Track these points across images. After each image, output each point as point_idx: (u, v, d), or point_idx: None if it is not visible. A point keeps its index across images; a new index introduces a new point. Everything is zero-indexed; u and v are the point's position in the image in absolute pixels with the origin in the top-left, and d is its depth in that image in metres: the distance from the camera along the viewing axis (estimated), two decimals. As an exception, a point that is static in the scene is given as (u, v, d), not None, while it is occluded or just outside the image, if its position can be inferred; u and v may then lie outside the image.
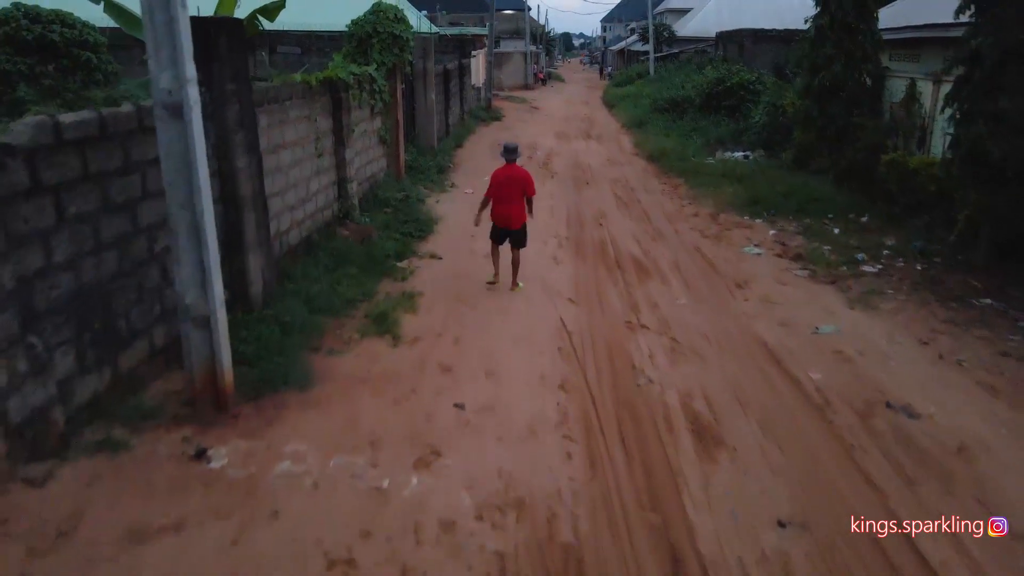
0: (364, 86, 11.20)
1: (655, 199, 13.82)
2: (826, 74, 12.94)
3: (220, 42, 6.18)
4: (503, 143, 9.12)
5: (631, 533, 4.22)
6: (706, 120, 21.55)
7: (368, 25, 12.10)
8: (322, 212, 9.42)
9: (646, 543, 4.14)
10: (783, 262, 9.65)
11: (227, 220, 6.52)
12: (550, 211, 12.65)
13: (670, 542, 4.15)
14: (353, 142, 10.51)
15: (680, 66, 38.98)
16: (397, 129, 12.92)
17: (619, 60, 70.24)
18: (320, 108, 9.33)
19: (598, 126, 26.54)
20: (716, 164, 16.14)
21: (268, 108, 7.65)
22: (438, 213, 11.97)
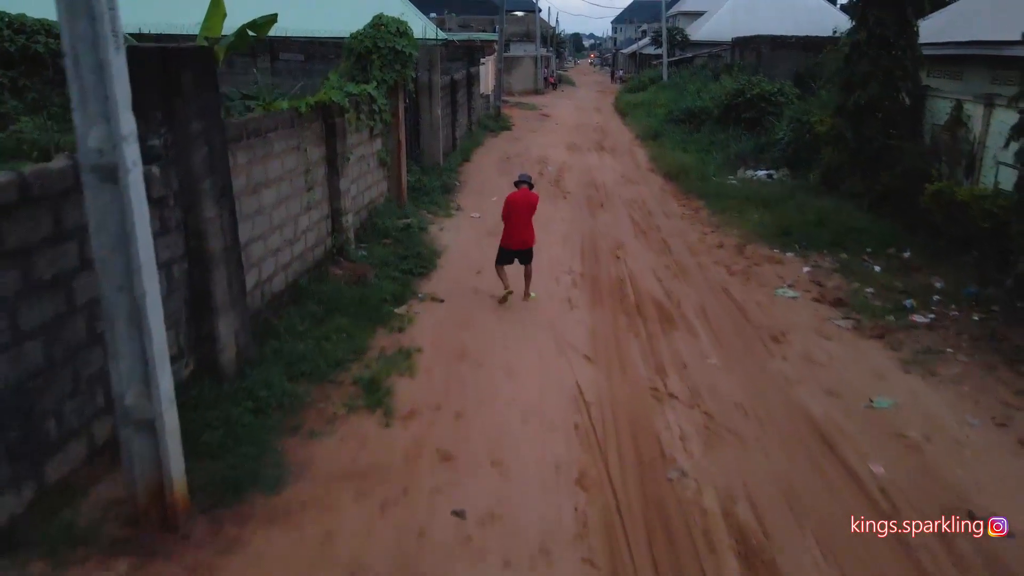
0: (362, 107, 10.33)
1: (675, 225, 12.89)
2: (861, 93, 11.97)
3: (184, 76, 5.30)
4: (519, 175, 9.42)
5: None
6: (725, 133, 20.57)
7: (368, 40, 11.22)
8: (312, 251, 8.54)
9: None
10: (822, 308, 8.70)
11: (193, 280, 5.65)
12: (563, 240, 11.75)
13: None
14: (349, 170, 9.64)
15: (694, 72, 38.05)
16: (399, 150, 12.04)
17: (631, 63, 69.25)
18: (311, 136, 8.46)
19: (611, 137, 25.60)
20: (739, 185, 15.18)
21: (248, 143, 6.77)
22: (442, 243, 11.09)
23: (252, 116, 6.97)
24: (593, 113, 34.80)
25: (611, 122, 30.82)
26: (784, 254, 10.83)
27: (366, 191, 10.92)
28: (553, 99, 43.06)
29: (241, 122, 6.62)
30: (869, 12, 11.77)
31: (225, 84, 20.64)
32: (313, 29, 25.42)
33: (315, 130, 8.59)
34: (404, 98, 12.11)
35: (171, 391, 4.18)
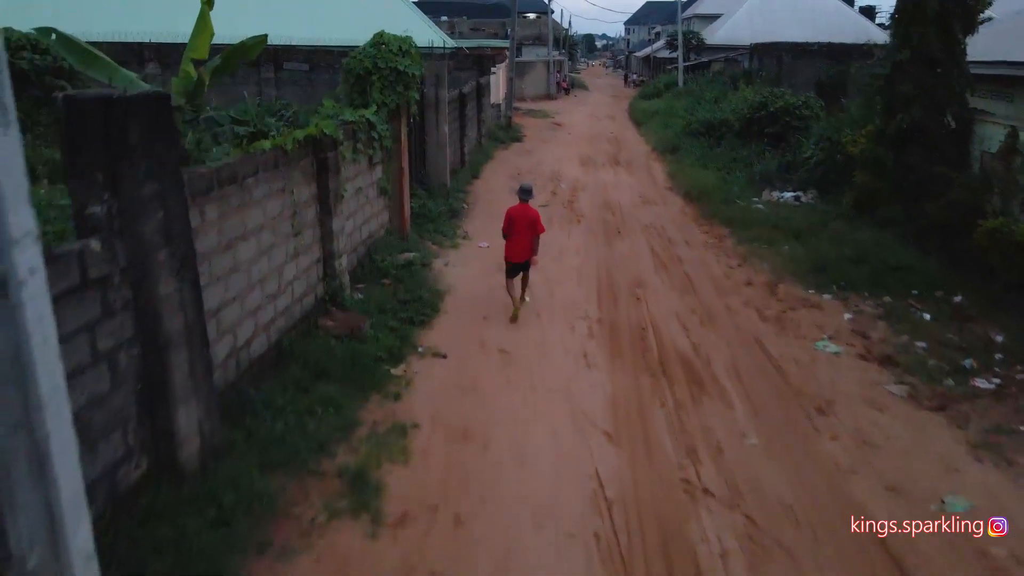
0: (359, 136, 9.47)
1: (698, 256, 11.95)
2: (904, 116, 10.99)
3: (133, 130, 4.45)
4: (520, 184, 9.71)
5: None
6: (747, 149, 19.60)
7: (367, 60, 10.38)
8: (301, 301, 7.68)
9: None
10: (870, 369, 7.75)
11: (147, 366, 4.79)
12: (578, 275, 10.85)
13: None
14: (344, 207, 8.78)
15: (711, 79, 37.06)
16: (401, 178, 11.18)
17: (644, 67, 68.21)
18: (300, 175, 7.60)
19: (626, 149, 24.66)
20: (765, 210, 14.22)
21: (222, 193, 5.92)
22: (446, 281, 10.21)
23: (227, 161, 6.11)
24: (607, 121, 33.84)
25: (626, 131, 29.87)
26: (821, 296, 9.87)
27: (364, 224, 10.06)
28: (566, 105, 42.13)
29: (210, 171, 5.75)
30: (912, 30, 10.80)
31: (225, 95, 20.05)
32: (318, 38, 24.69)
33: (304, 168, 7.74)
34: (407, 121, 11.24)
35: (89, 545, 3.31)
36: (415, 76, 10.79)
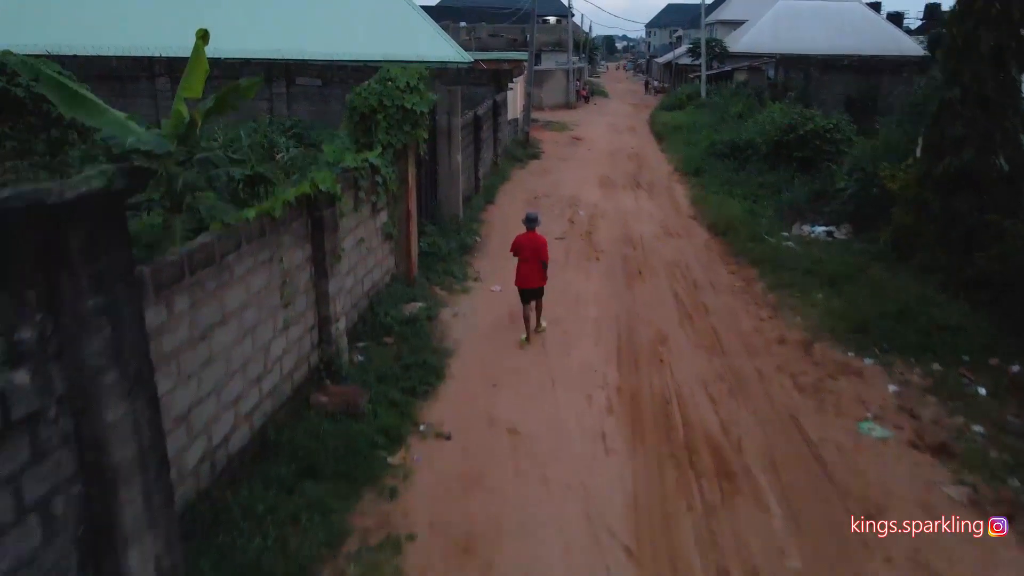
0: (361, 183, 8.78)
1: (726, 304, 11.13)
2: (953, 160, 10.13)
3: (72, 237, 3.77)
4: (527, 213, 9.98)
5: None
6: (775, 173, 18.73)
7: (372, 98, 9.67)
8: (291, 376, 7.00)
9: None
10: (923, 461, 6.93)
11: (92, 504, 4.11)
12: (596, 328, 10.09)
13: None
14: (343, 262, 8.10)
15: (735, 91, 36.07)
16: (408, 221, 10.48)
17: (665, 73, 67.21)
18: (291, 237, 6.93)
19: (647, 168, 23.82)
20: (796, 248, 13.35)
21: (195, 279, 5.24)
22: (453, 337, 9.49)
23: (202, 241, 5.42)
24: (627, 135, 32.98)
25: (647, 147, 29.00)
26: (862, 361, 9.03)
27: (367, 275, 9.37)
28: (585, 115, 41.32)
29: (179, 259, 5.06)
30: (965, 67, 9.93)
31: (240, 109, 19.40)
32: (332, 52, 24.11)
33: (296, 229, 7.06)
34: (416, 159, 10.53)
35: None
36: (423, 114, 10.08)
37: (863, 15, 49.75)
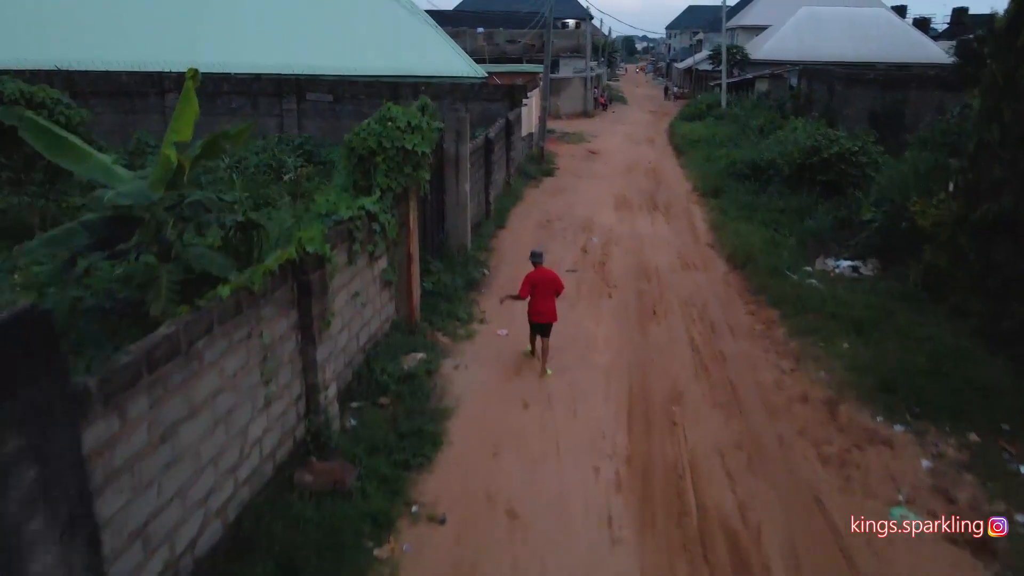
0: (357, 234, 8.29)
1: (745, 352, 10.52)
2: (992, 206, 9.44)
3: (-11, 374, 3.29)
4: (531, 250, 10.15)
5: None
6: (797, 198, 18.02)
7: (371, 139, 9.17)
8: (273, 455, 6.51)
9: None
10: (963, 561, 6.29)
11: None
12: (606, 382, 9.51)
13: None
14: (335, 320, 7.62)
15: (756, 102, 35.36)
16: (410, 264, 9.98)
17: (685, 79, 66.34)
18: (273, 308, 6.43)
19: (665, 186, 23.17)
20: (820, 287, 12.67)
21: (157, 376, 4.76)
22: (455, 392, 8.97)
23: (165, 332, 4.92)
24: (646, 147, 32.30)
25: (665, 161, 28.31)
26: (892, 427, 8.38)
27: (363, 329, 8.88)
28: (603, 125, 40.63)
29: (135, 359, 4.57)
30: (1005, 106, 9.25)
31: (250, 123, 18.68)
32: (342, 67, 23.71)
33: (280, 297, 6.57)
34: (418, 201, 10.02)
35: None
36: (426, 155, 9.57)
37: (888, 21, 48.68)
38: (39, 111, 12.98)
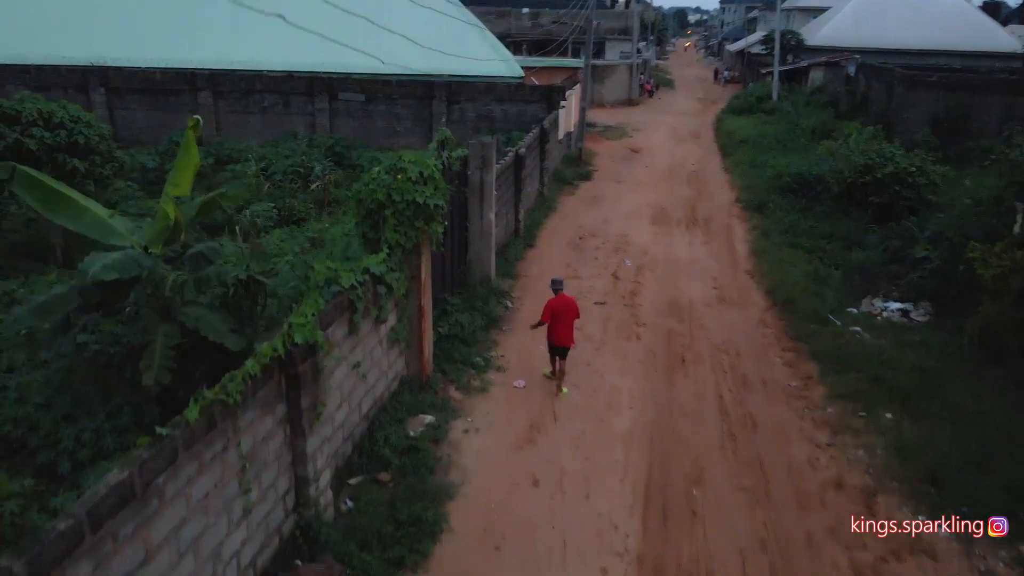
0: (359, 304, 7.79)
1: (776, 419, 9.79)
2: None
3: None
4: (552, 279, 10.56)
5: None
6: (846, 220, 16.96)
7: (380, 191, 8.64)
8: (253, 565, 6.12)
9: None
10: None
11: None
12: (624, 453, 8.92)
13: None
14: (333, 395, 7.19)
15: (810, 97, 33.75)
16: (421, 319, 9.47)
17: (737, 61, 64.11)
18: (256, 410, 5.99)
19: (707, 195, 22.15)
20: (865, 338, 11.80)
21: (102, 534, 4.35)
22: (461, 465, 8.47)
23: (115, 480, 4.48)
24: (690, 144, 31.09)
25: (709, 163, 27.15)
26: (935, 531, 7.60)
27: (366, 396, 8.42)
28: (647, 115, 39.37)
29: (72, 526, 4.14)
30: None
31: (280, 125, 19.99)
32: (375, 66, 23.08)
33: (265, 396, 6.12)
34: (430, 250, 9.47)
35: None
36: (439, 207, 8.99)
37: (954, 5, 45.89)
38: (57, 131, 12.79)
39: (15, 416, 8.15)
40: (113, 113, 22.90)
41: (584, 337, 12.12)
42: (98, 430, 7.71)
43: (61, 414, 7.94)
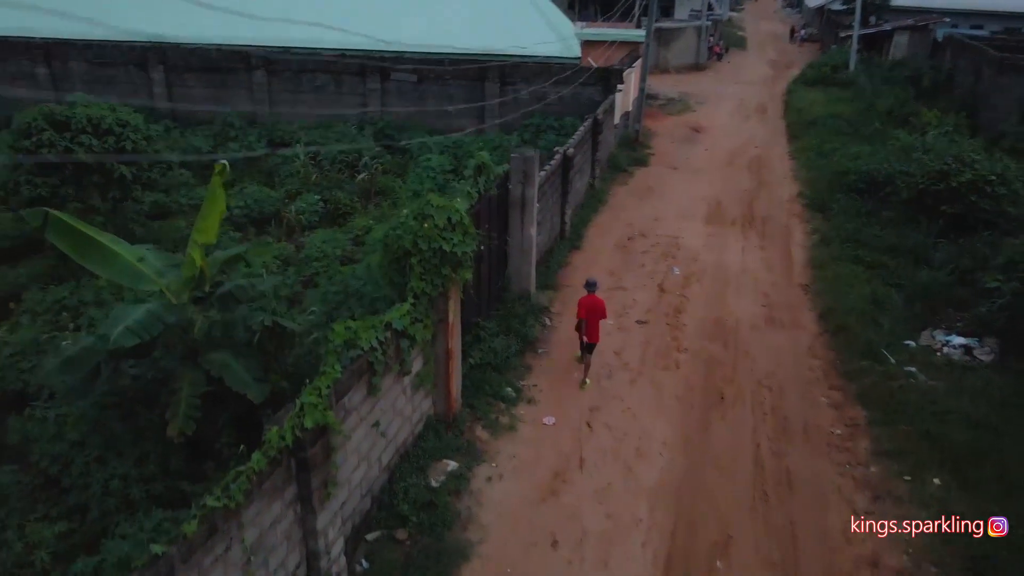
0: (378, 366, 7.67)
1: (814, 474, 9.35)
2: None
3: None
4: (586, 279, 11.35)
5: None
6: (914, 230, 15.91)
7: (407, 238, 8.43)
8: (261, 646, 6.21)
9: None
10: None
11: None
12: (648, 512, 8.70)
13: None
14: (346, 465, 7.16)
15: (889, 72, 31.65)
16: (449, 360, 9.32)
17: (816, 19, 60.57)
18: (262, 500, 5.98)
19: (767, 188, 21.12)
20: (921, 380, 11.12)
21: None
22: (481, 521, 8.39)
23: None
24: (756, 121, 29.62)
25: (775, 146, 25.81)
26: (972, 633, 7.22)
27: (387, 449, 8.38)
28: (714, 83, 37.68)
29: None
30: None
31: (332, 105, 20.53)
32: (428, 45, 22.63)
33: (272, 485, 6.10)
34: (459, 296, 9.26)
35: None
36: (468, 254, 8.72)
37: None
38: (105, 138, 12.93)
39: (52, 452, 8.44)
40: (171, 90, 23.18)
41: (621, 364, 11.85)
42: (125, 477, 7.92)
43: (93, 456, 8.18)
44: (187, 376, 8.07)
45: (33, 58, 23.40)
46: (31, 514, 8.10)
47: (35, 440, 8.75)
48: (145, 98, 23.27)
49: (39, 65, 23.40)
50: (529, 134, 20.92)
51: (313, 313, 9.63)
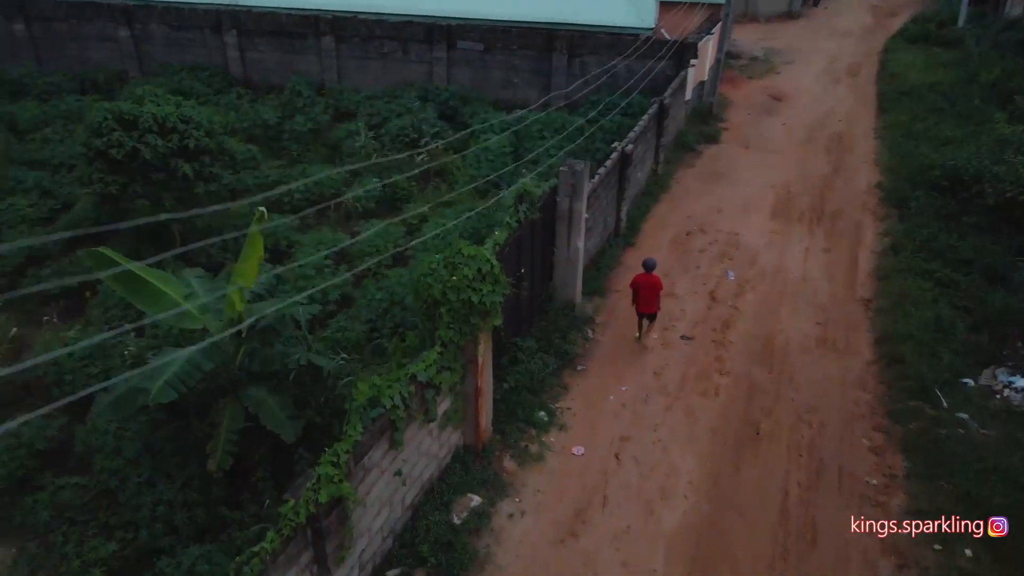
0: (399, 423, 7.95)
1: (841, 531, 9.19)
2: None
3: None
4: (644, 260, 12.33)
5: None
6: (996, 243, 14.90)
7: (436, 287, 8.55)
8: None
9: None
10: None
11: None
12: (664, 565, 8.83)
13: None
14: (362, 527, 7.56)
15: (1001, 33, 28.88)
16: (478, 397, 9.53)
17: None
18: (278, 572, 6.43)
19: (845, 172, 20.00)
20: (971, 430, 10.66)
21: None
22: (498, 562, 8.74)
23: None
24: (844, 87, 27.71)
25: (861, 119, 24.18)
26: None
27: (410, 490, 8.75)
28: (805, 38, 35.23)
29: None
30: None
31: (399, 73, 21.60)
32: (495, 13, 22.08)
33: (288, 554, 6.53)
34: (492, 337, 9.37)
35: None
36: (497, 303, 8.78)
37: None
38: (170, 136, 13.38)
39: (111, 467, 9.22)
40: (244, 54, 23.53)
41: (659, 387, 11.83)
42: (171, 503, 8.59)
43: (144, 477, 8.89)
44: (227, 411, 8.59)
45: (115, 20, 24.10)
46: (91, 523, 8.95)
47: (97, 451, 9.56)
48: (219, 62, 23.74)
49: (121, 27, 24.09)
50: (596, 113, 20.38)
51: (344, 360, 9.92)
